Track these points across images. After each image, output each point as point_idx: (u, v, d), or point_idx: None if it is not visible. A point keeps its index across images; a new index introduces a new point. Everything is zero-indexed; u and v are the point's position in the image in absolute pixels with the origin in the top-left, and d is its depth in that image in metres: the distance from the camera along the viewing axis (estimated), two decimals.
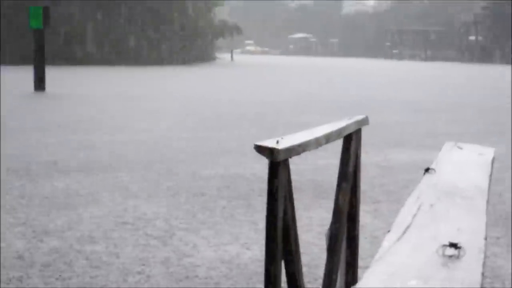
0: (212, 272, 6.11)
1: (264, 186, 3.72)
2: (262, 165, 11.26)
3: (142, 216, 8.14)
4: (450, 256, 2.52)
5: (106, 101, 25.80)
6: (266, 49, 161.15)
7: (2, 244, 6.83)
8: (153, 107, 23.69)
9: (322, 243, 5.95)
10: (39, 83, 30.87)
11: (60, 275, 5.93)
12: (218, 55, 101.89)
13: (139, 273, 6.04)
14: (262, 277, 5.06)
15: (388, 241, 2.73)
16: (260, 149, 3.15)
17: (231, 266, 6.30)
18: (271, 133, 14.75)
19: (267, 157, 3.16)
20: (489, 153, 4.68)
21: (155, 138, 15.48)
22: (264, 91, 33.37)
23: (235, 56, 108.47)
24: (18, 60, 62.30)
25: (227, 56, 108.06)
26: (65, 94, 29.54)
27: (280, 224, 3.24)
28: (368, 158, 12.38)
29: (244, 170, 11.48)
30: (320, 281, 4.03)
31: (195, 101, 26.67)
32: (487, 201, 3.39)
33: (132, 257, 6.49)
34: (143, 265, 6.26)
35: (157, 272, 6.05)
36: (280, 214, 3.24)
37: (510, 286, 6.77)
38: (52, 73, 38.01)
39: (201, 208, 8.63)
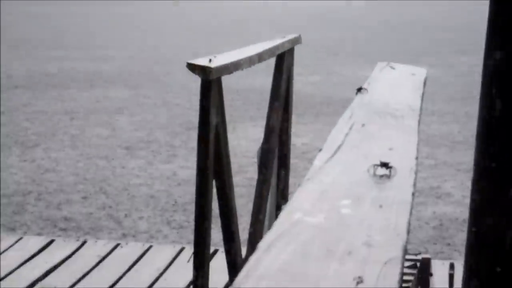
0: None
1: None
2: None
3: None
4: (381, 176, 2.53)
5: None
6: None
7: None
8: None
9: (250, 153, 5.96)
10: None
11: None
12: None
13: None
14: None
15: (319, 160, 2.73)
16: (192, 67, 3.10)
17: None
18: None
19: (199, 75, 3.12)
20: (421, 73, 4.69)
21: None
22: None
23: None
24: None
25: None
26: None
27: (212, 142, 3.22)
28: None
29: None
30: (252, 197, 4.04)
31: None
32: (419, 121, 3.41)
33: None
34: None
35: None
36: (212, 133, 3.22)
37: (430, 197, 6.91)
38: None
39: None
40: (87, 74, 15.57)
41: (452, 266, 5.07)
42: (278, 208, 4.15)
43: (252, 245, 3.69)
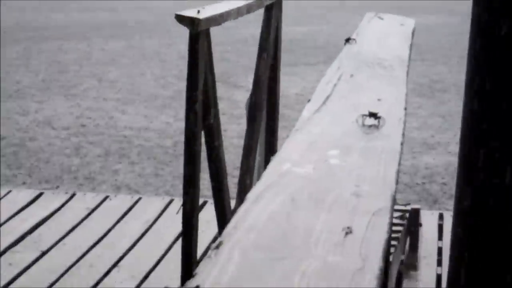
0: None
1: None
2: None
3: None
4: (370, 126, 2.52)
5: None
6: None
7: None
8: None
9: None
10: None
11: None
12: None
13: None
14: None
15: (308, 111, 2.72)
16: (180, 19, 3.08)
17: None
18: None
19: (187, 27, 3.09)
20: (410, 23, 4.67)
21: None
22: None
23: None
24: None
25: None
26: None
27: (200, 94, 3.20)
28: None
29: None
30: (241, 150, 4.04)
31: None
32: (407, 72, 3.40)
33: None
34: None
35: None
36: (201, 85, 3.20)
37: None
38: None
39: None
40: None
41: (441, 217, 5.10)
42: (267, 160, 4.15)
43: (241, 197, 3.69)
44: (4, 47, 12.39)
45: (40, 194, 5.44)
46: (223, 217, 3.61)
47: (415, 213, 4.55)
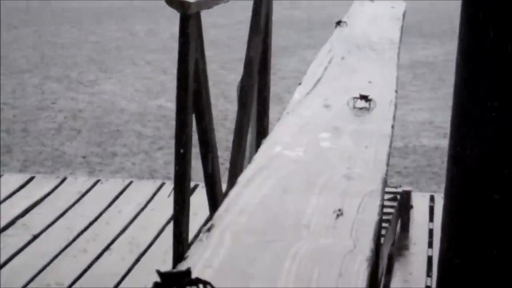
0: None
1: None
2: None
3: None
4: (361, 108, 2.52)
5: None
6: None
7: None
8: None
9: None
10: None
11: None
12: None
13: None
14: None
15: (299, 93, 2.72)
16: (170, 1, 3.07)
17: None
18: None
19: (178, 10, 3.08)
20: (400, 5, 4.66)
21: None
22: None
23: None
24: None
25: None
26: None
27: (191, 78, 3.20)
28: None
29: None
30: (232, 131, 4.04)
31: None
32: (398, 54, 3.39)
33: None
34: None
35: None
36: (191, 68, 3.20)
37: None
38: None
39: None
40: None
41: (432, 199, 5.11)
42: (258, 143, 4.15)
43: (233, 180, 3.69)
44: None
45: (32, 178, 5.43)
46: (215, 201, 3.62)
47: (406, 195, 4.56)
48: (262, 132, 4.26)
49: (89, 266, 4.19)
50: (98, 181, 5.43)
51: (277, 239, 1.60)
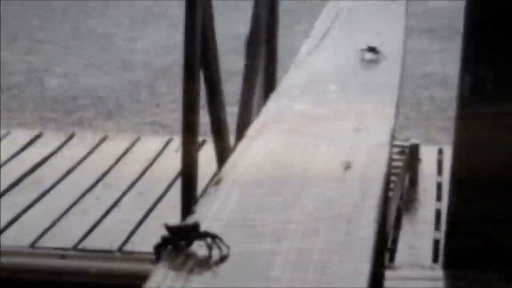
0: None
1: None
2: None
3: None
4: (369, 61, 2.50)
5: None
6: None
7: None
8: None
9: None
10: None
11: None
12: None
13: None
14: None
15: (307, 46, 2.70)
16: None
17: None
18: None
19: None
20: None
21: None
22: None
23: None
24: None
25: None
26: None
27: (198, 29, 3.17)
28: None
29: None
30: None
31: None
32: (406, 6, 3.36)
33: None
34: None
35: None
36: (199, 19, 3.17)
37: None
38: None
39: None
40: None
41: (440, 152, 5.10)
42: (266, 96, 4.12)
43: (240, 134, 3.67)
44: None
45: (40, 135, 5.43)
46: (222, 155, 3.61)
47: (415, 149, 4.55)
48: (270, 85, 4.24)
49: (98, 222, 4.20)
50: (106, 137, 5.43)
51: (286, 191, 1.59)
